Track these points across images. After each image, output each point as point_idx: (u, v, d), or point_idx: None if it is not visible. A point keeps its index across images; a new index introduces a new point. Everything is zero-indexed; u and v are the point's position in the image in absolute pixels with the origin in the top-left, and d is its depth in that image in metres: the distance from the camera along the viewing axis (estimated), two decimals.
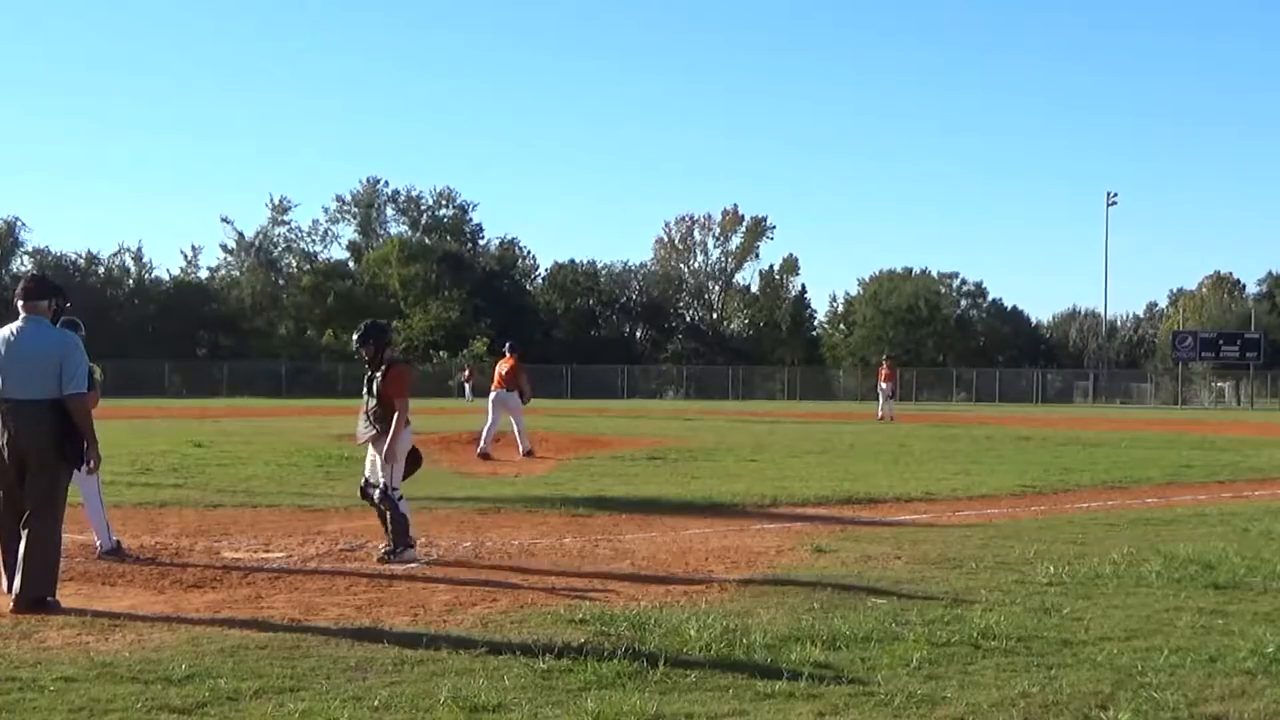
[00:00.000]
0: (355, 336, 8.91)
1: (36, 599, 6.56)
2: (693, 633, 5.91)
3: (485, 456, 17.93)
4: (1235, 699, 4.95)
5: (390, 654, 5.57)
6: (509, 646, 5.71)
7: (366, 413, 8.71)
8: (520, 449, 18.72)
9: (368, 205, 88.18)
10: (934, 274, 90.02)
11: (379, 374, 8.69)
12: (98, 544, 8.54)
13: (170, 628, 6.18)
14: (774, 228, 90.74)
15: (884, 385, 34.86)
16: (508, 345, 20.17)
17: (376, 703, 4.78)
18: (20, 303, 6.89)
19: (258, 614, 6.56)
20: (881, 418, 33.53)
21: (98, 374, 8.32)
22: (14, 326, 6.85)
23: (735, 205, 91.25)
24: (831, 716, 4.71)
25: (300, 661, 5.43)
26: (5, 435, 6.73)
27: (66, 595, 6.94)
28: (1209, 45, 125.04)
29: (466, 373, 57.70)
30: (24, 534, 6.65)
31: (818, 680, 5.14)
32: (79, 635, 5.98)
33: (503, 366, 19.38)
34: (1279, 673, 5.35)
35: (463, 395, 53.97)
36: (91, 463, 6.94)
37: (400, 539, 8.48)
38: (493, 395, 19.04)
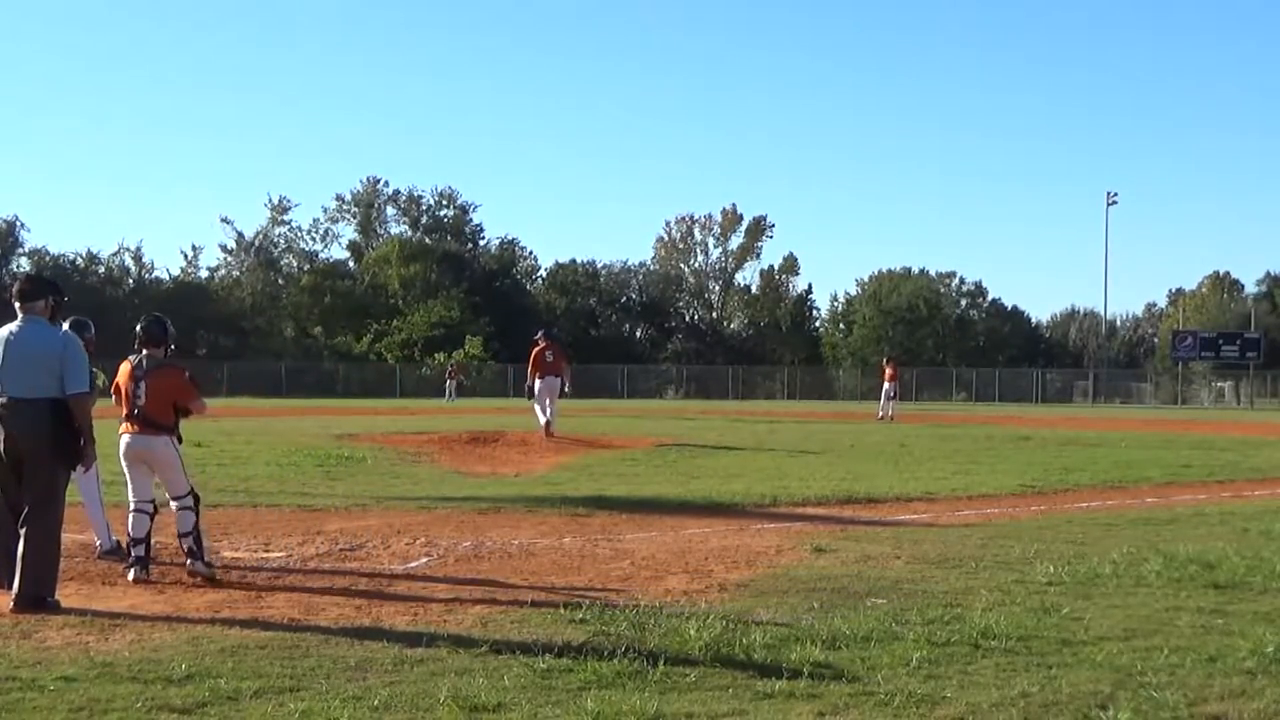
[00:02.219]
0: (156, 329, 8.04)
1: (36, 598, 6.57)
2: (693, 633, 5.91)
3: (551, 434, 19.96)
4: (1235, 699, 4.95)
5: (390, 654, 5.57)
6: (509, 646, 5.71)
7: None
8: (548, 428, 20.19)
9: (368, 205, 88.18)
10: (933, 274, 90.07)
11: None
12: (98, 544, 8.54)
13: (170, 627, 6.18)
14: (773, 226, 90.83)
15: (887, 385, 34.79)
16: (544, 334, 21.68)
17: (376, 702, 4.78)
18: (17, 304, 6.91)
19: (258, 614, 6.56)
20: (882, 417, 33.45)
21: (99, 379, 8.33)
22: (12, 326, 6.87)
23: (734, 205, 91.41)
24: (831, 716, 4.71)
25: (300, 661, 5.43)
26: (3, 434, 6.75)
27: (66, 595, 6.95)
28: (1209, 45, 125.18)
29: (450, 372, 57.61)
30: (22, 533, 6.67)
31: (818, 680, 5.14)
32: (79, 635, 5.98)
33: (549, 354, 20.88)
34: (1279, 673, 5.35)
35: (445, 395, 53.79)
36: (86, 461, 6.98)
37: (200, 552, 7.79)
38: (540, 383, 20.65)
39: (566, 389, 21.63)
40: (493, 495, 12.62)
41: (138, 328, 8.00)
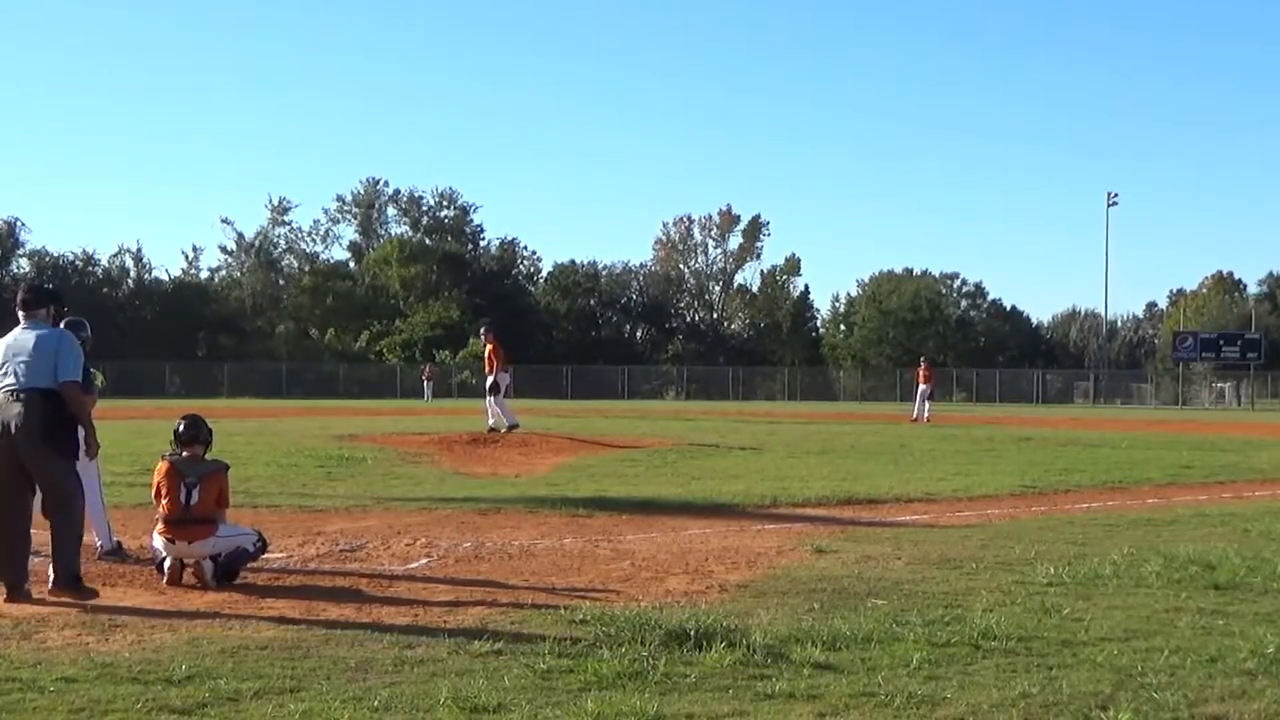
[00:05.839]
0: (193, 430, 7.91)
1: (72, 575, 6.81)
2: (693, 633, 5.91)
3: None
4: (1235, 699, 4.95)
5: (390, 655, 5.57)
6: (509, 647, 5.71)
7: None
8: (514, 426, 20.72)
9: (368, 206, 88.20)
10: (934, 274, 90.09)
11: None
12: (98, 544, 8.53)
13: (170, 628, 6.18)
14: (768, 224, 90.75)
15: (923, 386, 34.43)
16: (489, 326, 22.65)
17: (376, 703, 4.78)
18: (20, 313, 7.18)
19: (258, 615, 6.56)
20: (915, 419, 32.97)
21: (99, 380, 8.36)
22: (16, 331, 7.15)
23: (729, 205, 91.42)
24: (832, 717, 4.71)
25: (300, 662, 5.43)
26: (1, 426, 6.94)
27: (66, 595, 6.97)
28: (1209, 45, 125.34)
29: (426, 371, 57.73)
30: (49, 525, 6.97)
31: (818, 681, 5.14)
32: (79, 635, 5.98)
33: (489, 349, 21.43)
34: (1279, 673, 5.35)
35: (423, 397, 53.86)
36: (90, 450, 7.18)
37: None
38: (497, 378, 20.98)
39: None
40: (493, 496, 12.61)
41: (179, 428, 7.87)
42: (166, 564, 7.50)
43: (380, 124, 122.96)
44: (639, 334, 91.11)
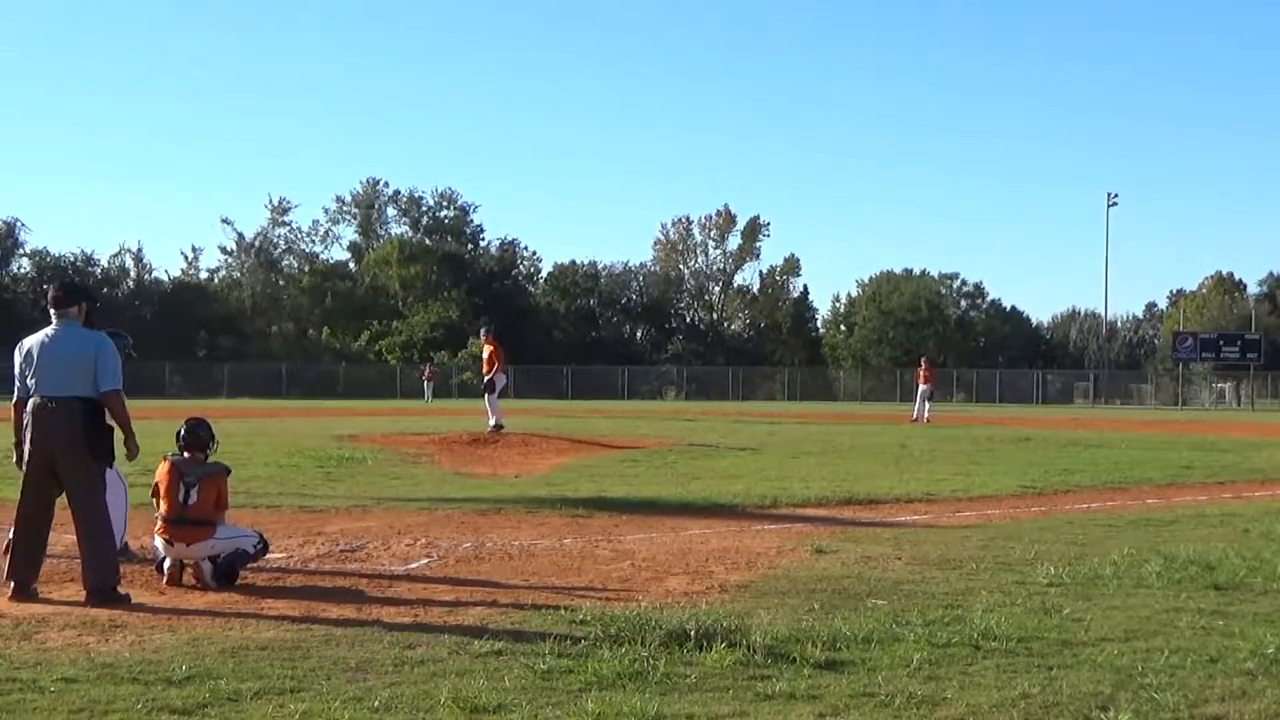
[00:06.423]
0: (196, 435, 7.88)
1: (105, 589, 6.81)
2: (693, 633, 5.91)
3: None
4: (1236, 700, 4.95)
5: (391, 655, 5.57)
6: (509, 647, 5.71)
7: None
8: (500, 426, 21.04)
9: (368, 206, 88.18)
10: (934, 275, 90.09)
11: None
12: None
13: (171, 628, 6.18)
14: (768, 225, 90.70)
15: (923, 386, 34.35)
16: (489, 329, 22.80)
17: (377, 704, 4.78)
18: (52, 311, 7.23)
19: (258, 614, 6.56)
20: (915, 419, 32.89)
21: None
22: (48, 331, 7.18)
23: (727, 205, 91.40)
24: (832, 717, 4.71)
25: (301, 662, 5.43)
26: (35, 434, 6.99)
27: (68, 595, 6.99)
28: (1209, 45, 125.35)
29: (427, 371, 57.74)
30: (78, 534, 7.00)
31: (818, 681, 5.14)
32: (79, 636, 5.98)
33: (489, 350, 21.76)
34: (1279, 673, 5.35)
35: (424, 397, 53.83)
36: (131, 453, 7.28)
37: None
38: (494, 378, 21.48)
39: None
40: (493, 496, 12.62)
41: (181, 432, 7.85)
42: (166, 564, 7.51)
43: (380, 124, 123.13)
44: (639, 334, 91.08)
